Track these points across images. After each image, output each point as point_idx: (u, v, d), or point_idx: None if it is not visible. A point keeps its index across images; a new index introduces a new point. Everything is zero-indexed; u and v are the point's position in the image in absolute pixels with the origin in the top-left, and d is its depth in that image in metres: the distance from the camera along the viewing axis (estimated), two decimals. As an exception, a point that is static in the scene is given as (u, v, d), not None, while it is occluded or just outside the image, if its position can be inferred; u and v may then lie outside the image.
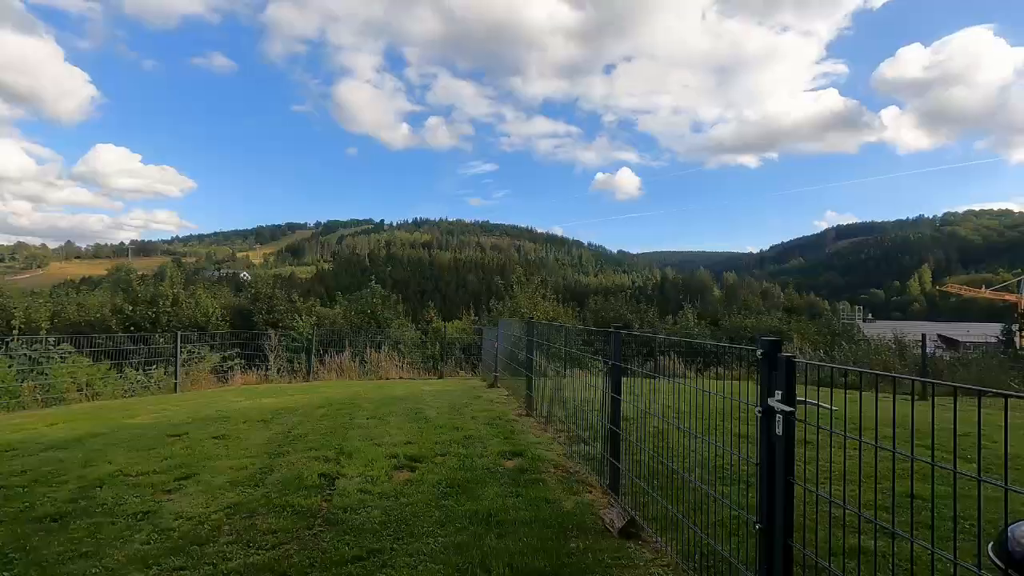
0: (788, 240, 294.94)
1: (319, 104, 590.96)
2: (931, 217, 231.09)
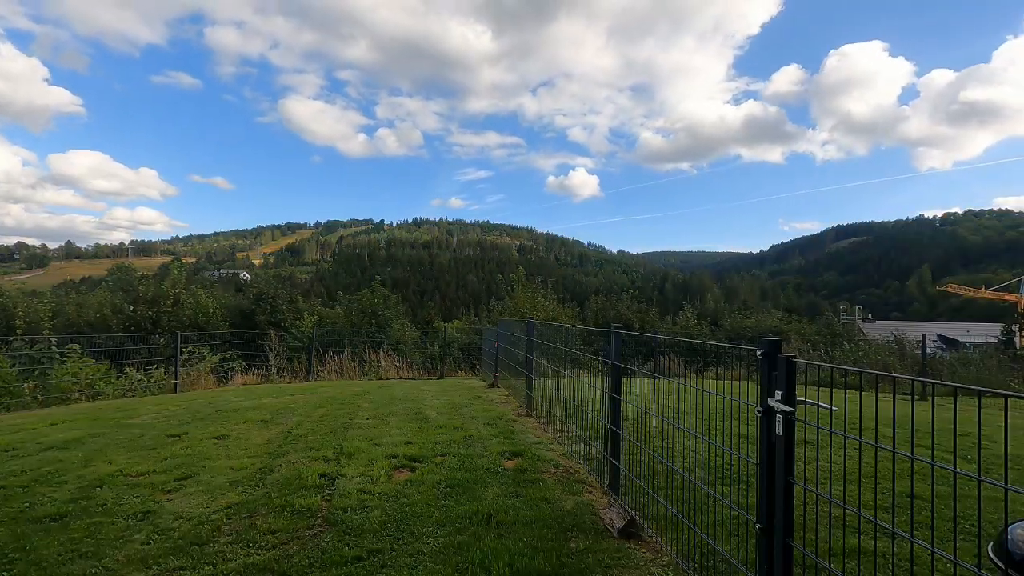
0: (788, 240, 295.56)
1: (277, 117, 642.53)
2: (931, 217, 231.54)
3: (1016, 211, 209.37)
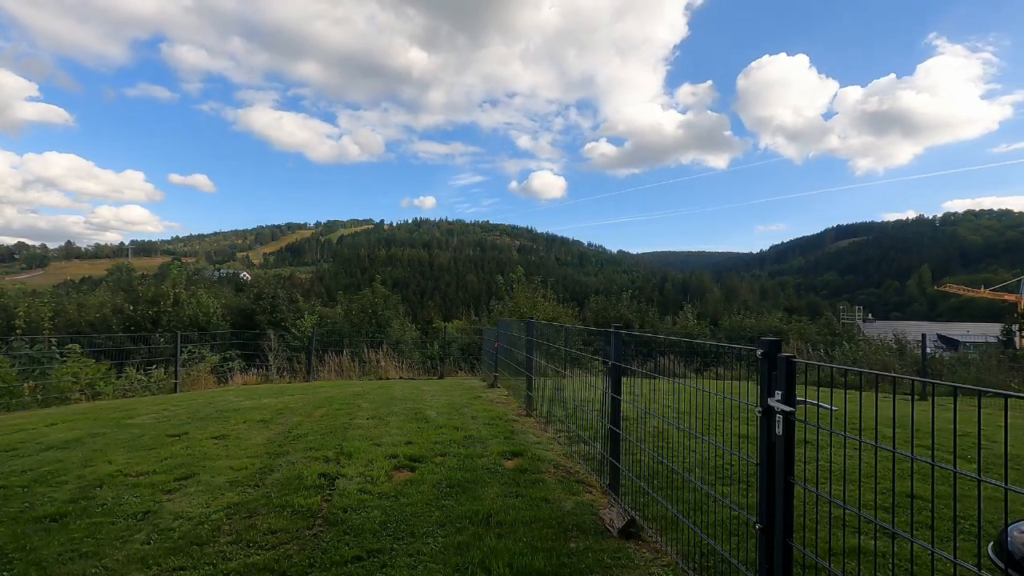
0: (788, 240, 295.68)
1: (248, 127, 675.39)
2: (931, 217, 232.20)
3: (1016, 211, 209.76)
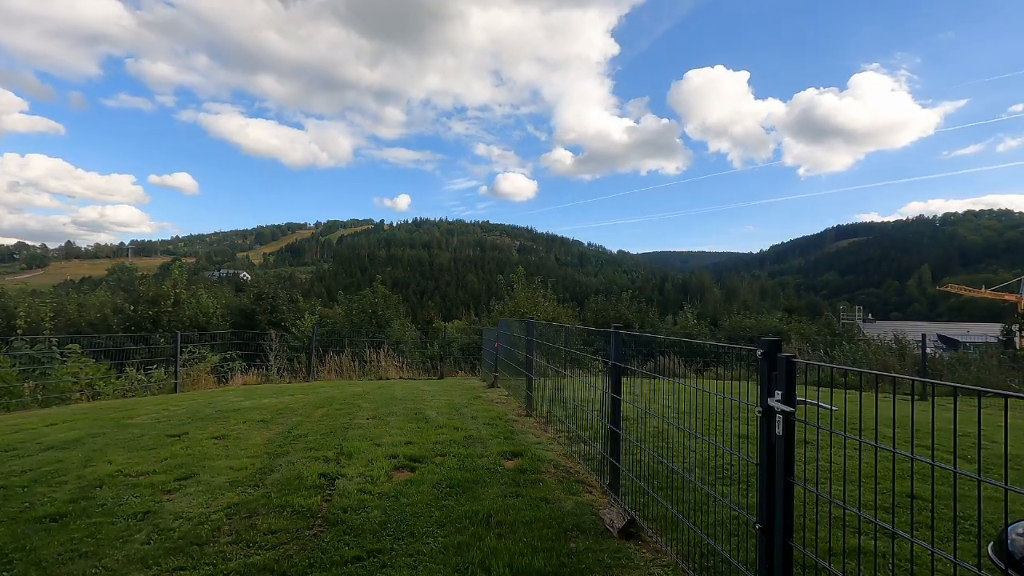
0: (788, 240, 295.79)
1: (223, 133, 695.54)
2: (931, 217, 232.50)
3: (1016, 211, 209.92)
